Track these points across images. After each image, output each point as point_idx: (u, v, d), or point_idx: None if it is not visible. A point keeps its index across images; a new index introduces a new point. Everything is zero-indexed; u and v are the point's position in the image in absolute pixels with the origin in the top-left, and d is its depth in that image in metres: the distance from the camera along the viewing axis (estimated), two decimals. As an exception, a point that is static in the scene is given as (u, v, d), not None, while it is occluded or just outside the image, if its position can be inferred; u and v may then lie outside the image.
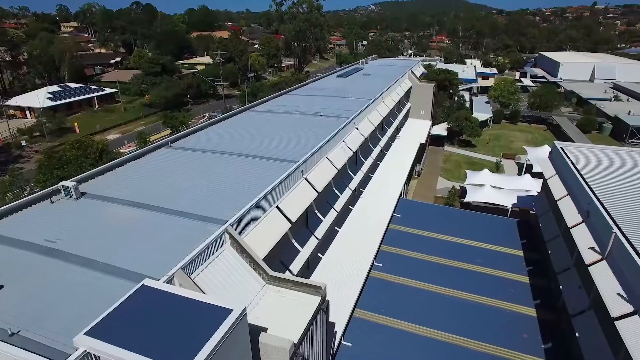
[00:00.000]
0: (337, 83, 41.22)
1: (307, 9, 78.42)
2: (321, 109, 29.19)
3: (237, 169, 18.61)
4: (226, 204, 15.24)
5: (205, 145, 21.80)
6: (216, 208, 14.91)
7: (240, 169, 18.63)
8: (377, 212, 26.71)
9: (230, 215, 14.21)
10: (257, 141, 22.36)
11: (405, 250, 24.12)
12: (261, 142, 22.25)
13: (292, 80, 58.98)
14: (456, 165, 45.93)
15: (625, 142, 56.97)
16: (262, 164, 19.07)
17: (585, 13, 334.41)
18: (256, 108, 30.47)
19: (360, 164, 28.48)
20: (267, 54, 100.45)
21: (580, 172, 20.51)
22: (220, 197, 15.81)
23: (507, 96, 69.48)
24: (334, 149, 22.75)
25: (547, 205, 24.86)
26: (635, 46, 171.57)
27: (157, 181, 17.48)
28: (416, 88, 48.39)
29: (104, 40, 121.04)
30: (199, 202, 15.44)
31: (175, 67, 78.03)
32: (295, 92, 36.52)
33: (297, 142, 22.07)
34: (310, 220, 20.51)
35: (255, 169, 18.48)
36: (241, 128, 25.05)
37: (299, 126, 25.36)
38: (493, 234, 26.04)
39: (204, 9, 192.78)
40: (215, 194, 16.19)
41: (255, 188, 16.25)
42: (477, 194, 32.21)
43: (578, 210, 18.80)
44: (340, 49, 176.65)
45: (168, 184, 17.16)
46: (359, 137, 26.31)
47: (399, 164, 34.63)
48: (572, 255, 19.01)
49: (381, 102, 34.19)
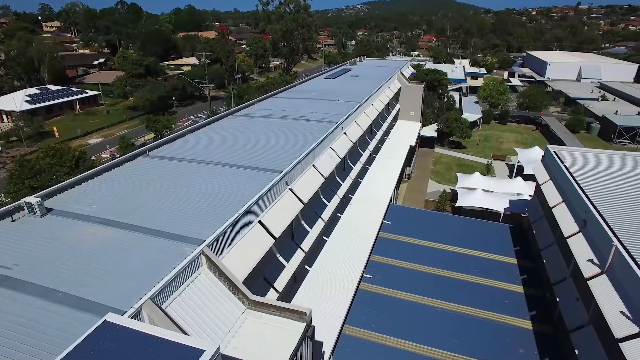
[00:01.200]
0: (324, 85, 40.24)
1: (295, 8, 77.26)
2: (308, 113, 28.18)
3: (218, 180, 17.51)
4: (204, 220, 14.15)
5: (185, 154, 20.64)
6: (193, 225, 13.81)
7: (221, 180, 17.53)
8: (366, 220, 25.82)
9: (208, 234, 13.15)
10: (240, 149, 21.27)
11: (396, 260, 23.25)
12: (244, 149, 21.16)
13: (279, 81, 57.77)
14: (447, 168, 45.31)
15: (613, 142, 57.10)
16: (245, 175, 17.99)
17: (570, 13, 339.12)
18: (240, 112, 29.34)
19: (349, 169, 27.55)
20: (254, 55, 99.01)
21: (575, 178, 19.85)
22: (198, 213, 14.71)
23: (497, 96, 69.30)
24: (320, 156, 21.77)
25: (540, 211, 24.22)
26: (619, 46, 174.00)
27: (131, 195, 16.29)
28: (405, 89, 47.66)
29: (87, 40, 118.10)
30: (175, 219, 14.32)
31: (159, 68, 76.14)
32: (282, 94, 35.43)
33: (282, 150, 21.03)
34: (296, 232, 19.51)
35: (237, 180, 17.40)
36: (224, 134, 23.92)
37: (285, 132, 24.32)
38: (486, 241, 25.33)
39: (190, 9, 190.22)
40: (193, 209, 15.08)
41: (236, 202, 15.21)
42: (469, 199, 31.52)
43: (574, 219, 18.11)
44: (329, 49, 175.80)
45: (143, 198, 15.99)
46: (347, 142, 25.38)
47: (389, 168, 33.81)
48: (569, 266, 18.32)
49: (370, 105, 33.32)
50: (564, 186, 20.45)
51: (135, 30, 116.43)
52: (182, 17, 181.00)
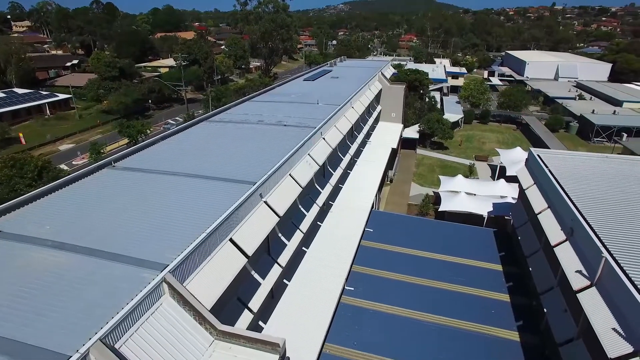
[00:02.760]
0: (303, 87, 39.18)
1: (273, 9, 75.79)
2: (285, 118, 27.09)
3: (186, 194, 16.27)
4: (169, 241, 12.95)
5: (153, 165, 19.31)
6: (156, 248, 12.59)
7: (191, 194, 16.30)
8: (347, 228, 24.90)
9: (172, 257, 11.96)
10: (212, 158, 20.05)
11: (378, 271, 22.40)
12: (216, 159, 19.95)
13: (258, 84, 56.40)
14: (429, 170, 44.85)
15: (591, 141, 57.77)
16: (216, 188, 16.81)
17: (546, 13, 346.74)
18: (215, 118, 28.04)
19: (329, 175, 26.59)
20: (234, 55, 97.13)
21: (560, 183, 19.33)
22: (162, 233, 13.48)
23: (478, 96, 69.49)
24: (298, 164, 20.72)
25: (525, 216, 23.73)
26: (592, 45, 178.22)
27: (90, 213, 14.93)
28: (386, 90, 47.03)
29: (59, 41, 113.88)
30: (137, 240, 13.07)
31: (134, 70, 73.56)
32: (259, 98, 34.21)
33: (257, 158, 19.90)
34: (273, 246, 18.43)
35: (208, 194, 16.20)
36: (196, 142, 22.63)
37: (261, 138, 23.17)
38: (470, 247, 24.71)
39: (168, 9, 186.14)
40: (158, 228, 13.83)
41: (205, 218, 14.04)
42: (452, 203, 30.96)
43: (561, 227, 17.55)
44: (310, 49, 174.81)
45: (103, 216, 14.66)
46: (326, 148, 24.40)
47: (370, 172, 33.01)
48: (556, 275, 17.75)
49: (350, 108, 32.42)
50: (549, 191, 19.92)
51: (111, 30, 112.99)
52: (160, 17, 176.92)
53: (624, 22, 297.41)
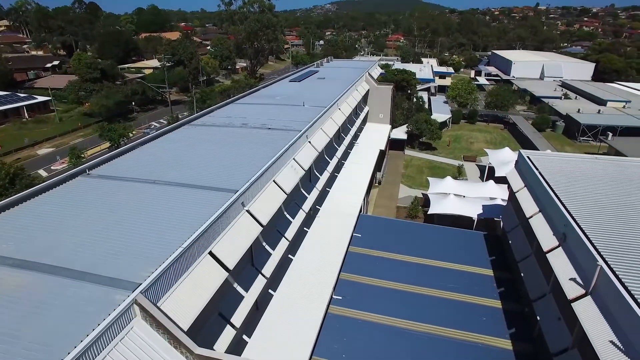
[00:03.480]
0: (289, 89, 38.38)
1: (259, 8, 74.59)
2: (270, 121, 26.28)
3: (163, 204, 15.38)
4: (142, 256, 12.08)
5: (129, 172, 18.34)
6: (128, 265, 11.72)
7: (168, 204, 15.41)
8: (335, 234, 24.21)
9: (145, 275, 11.12)
10: (192, 165, 19.16)
11: (367, 278, 21.75)
12: (197, 165, 19.06)
13: (243, 85, 55.31)
14: (418, 171, 44.43)
15: (577, 140, 58.10)
16: (195, 196, 15.94)
17: (530, 13, 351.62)
18: (197, 121, 27.09)
19: (315, 179, 25.86)
20: (219, 56, 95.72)
21: (552, 186, 18.91)
22: (135, 248, 12.59)
23: (465, 96, 69.44)
24: (282, 169, 19.96)
25: (515, 219, 23.32)
26: (575, 45, 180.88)
27: (58, 226, 13.96)
28: (374, 91, 46.50)
29: (39, 41, 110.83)
30: (107, 257, 12.16)
31: (117, 71, 71.63)
32: (243, 100, 33.30)
33: (239, 164, 19.06)
34: (257, 256, 17.64)
35: (186, 204, 15.33)
36: (175, 148, 21.68)
37: (244, 143, 22.33)
38: (460, 252, 24.23)
39: (153, 9, 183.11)
40: (131, 242, 12.94)
41: (183, 231, 13.21)
42: (441, 205, 30.49)
43: (553, 232, 17.10)
44: (297, 49, 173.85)
45: (72, 229, 13.71)
46: (312, 152, 23.68)
47: (358, 174, 32.38)
48: (549, 281, 17.31)
49: (337, 110, 31.75)
50: (540, 195, 19.50)
51: (93, 30, 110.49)
52: (144, 17, 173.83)
53: (604, 23, 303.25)
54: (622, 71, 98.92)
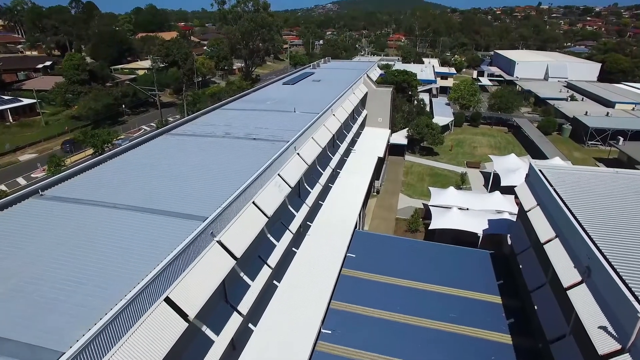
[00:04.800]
0: (281, 92, 36.09)
1: (253, 7, 72.23)
2: (256, 130, 24.00)
3: (117, 235, 13.09)
4: (82, 308, 9.82)
5: (88, 193, 16.04)
6: (59, 322, 9.45)
7: (124, 234, 13.14)
8: (326, 255, 21.93)
9: (76, 336, 8.85)
10: (161, 184, 16.87)
11: (360, 307, 19.45)
12: (166, 185, 16.77)
13: (234, 88, 53.03)
14: (418, 179, 42.10)
15: (585, 144, 55.71)
16: (157, 225, 13.65)
17: (532, 12, 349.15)
18: (177, 130, 24.81)
19: (306, 194, 23.56)
20: (216, 57, 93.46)
21: (570, 208, 16.57)
22: (73, 296, 10.31)
23: (468, 97, 67.10)
24: (265, 187, 17.65)
25: (526, 241, 20.98)
26: (579, 45, 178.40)
27: (-11, 263, 11.68)
28: (372, 94, 44.18)
29: (33, 41, 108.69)
30: (36, 309, 9.88)
31: (107, 73, 69.31)
32: (231, 105, 31.00)
33: (214, 183, 16.77)
34: (231, 291, 15.34)
35: (146, 236, 13.04)
36: (146, 162, 19.39)
37: (223, 156, 20.05)
38: (464, 275, 21.93)
39: (151, 8, 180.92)
40: (69, 287, 10.66)
41: (134, 272, 10.95)
42: (443, 220, 28.17)
43: (574, 263, 14.76)
44: (297, 49, 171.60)
45: (4, 270, 11.43)
46: (301, 165, 21.37)
47: (355, 185, 30.08)
48: (569, 320, 14.98)
49: (331, 115, 29.43)
50: (556, 217, 17.15)
51: (88, 30, 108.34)
52: (142, 17, 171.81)
53: (608, 22, 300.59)
54: (629, 71, 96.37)
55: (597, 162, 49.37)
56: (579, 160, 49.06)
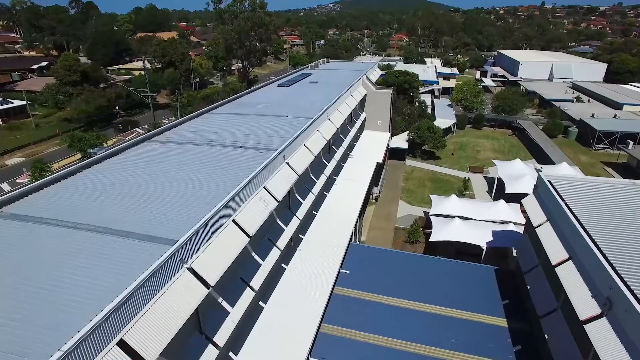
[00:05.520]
0: (275, 95, 34.53)
1: (250, 6, 70.68)
2: (244, 137, 22.43)
3: (74, 262, 11.55)
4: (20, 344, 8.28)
5: (51, 211, 14.49)
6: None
7: (81, 261, 11.59)
8: (318, 271, 20.38)
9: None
10: (134, 199, 15.31)
11: (354, 332, 17.84)
12: (138, 200, 15.21)
13: (228, 90, 51.47)
14: (419, 184, 40.43)
15: (592, 148, 53.85)
16: (121, 250, 12.10)
17: (535, 12, 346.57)
18: (161, 136, 23.27)
19: (297, 205, 21.99)
20: (214, 57, 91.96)
21: (586, 228, 14.90)
22: (11, 333, 8.78)
23: (471, 99, 65.33)
24: (248, 202, 16.07)
25: (534, 258, 19.34)
26: (583, 45, 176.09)
27: None
28: (372, 96, 42.54)
29: (30, 41, 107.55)
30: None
31: (100, 74, 67.89)
32: (220, 109, 29.43)
33: (191, 199, 15.22)
34: (207, 321, 13.77)
35: (105, 263, 11.49)
36: (121, 174, 17.84)
37: (206, 167, 18.49)
38: (467, 294, 20.31)
39: (151, 8, 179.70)
40: (10, 323, 9.14)
41: (87, 308, 9.42)
42: (445, 231, 26.52)
43: (591, 292, 13.11)
44: (298, 49, 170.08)
45: None
46: (291, 175, 19.77)
47: (351, 194, 28.52)
48: (585, 355, 13.34)
49: (326, 120, 27.84)
50: (570, 236, 15.49)
51: (86, 30, 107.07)
52: (142, 16, 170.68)
53: (612, 21, 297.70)
54: (636, 72, 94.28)
55: (605, 166, 47.57)
56: (587, 164, 47.29)
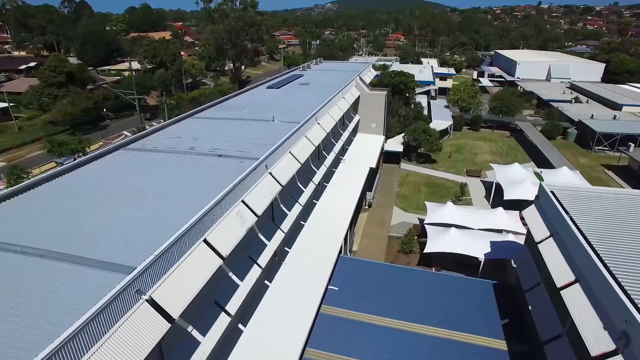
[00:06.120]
0: (264, 97, 33.04)
1: (241, 5, 69.01)
2: (225, 143, 20.95)
3: (17, 295, 10.05)
4: None
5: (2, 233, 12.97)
6: None
7: (25, 293, 10.10)
8: (304, 289, 18.92)
9: None
10: (94, 218, 13.80)
11: (341, 358, 16.38)
12: (99, 219, 13.71)
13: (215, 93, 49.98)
14: (414, 189, 39.02)
15: (591, 150, 52.59)
16: (73, 280, 10.60)
17: (532, 12, 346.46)
18: (137, 143, 21.74)
19: (282, 217, 20.51)
20: (207, 57, 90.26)
21: (595, 249, 13.49)
22: None
23: (468, 100, 63.98)
24: (223, 218, 14.57)
25: (536, 274, 17.94)
26: (581, 44, 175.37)
27: None
28: (365, 97, 41.16)
29: (20, 41, 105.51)
30: None
31: (87, 75, 66.12)
32: (205, 112, 27.91)
33: (159, 218, 13.71)
34: (172, 355, 12.26)
35: (52, 295, 10.00)
36: (85, 187, 16.29)
37: (180, 178, 16.99)
38: (464, 313, 18.88)
39: (146, 8, 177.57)
40: None
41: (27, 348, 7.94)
42: (440, 242, 25.10)
43: (603, 322, 11.70)
44: (294, 49, 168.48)
45: None
46: (273, 187, 18.29)
47: (342, 202, 27.04)
48: (594, 392, 11.92)
49: (315, 124, 26.37)
50: (576, 256, 14.08)
51: (77, 30, 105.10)
52: (136, 16, 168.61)
53: (609, 21, 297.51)
54: (635, 72, 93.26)
55: (605, 169, 46.32)
56: (586, 167, 46.04)
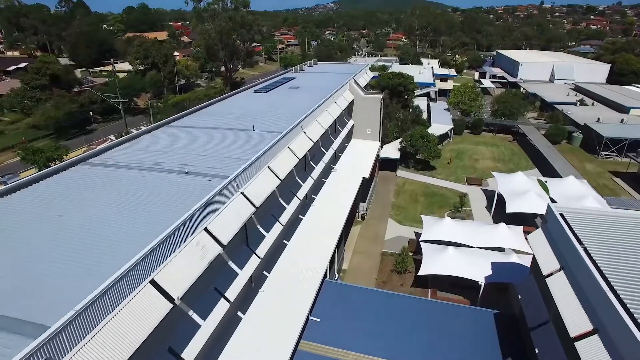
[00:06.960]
0: (249, 103, 30.93)
1: (232, 5, 66.88)
2: (197, 157, 18.85)
3: None
4: None
5: None
6: None
7: None
8: (282, 320, 16.79)
9: None
10: (26, 252, 11.74)
11: (320, 409, 14.27)
12: (31, 253, 11.63)
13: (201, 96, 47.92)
14: (411, 199, 36.85)
15: (598, 155, 50.31)
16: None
17: (534, 11, 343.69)
18: (99, 157, 19.66)
19: (258, 240, 18.35)
20: (202, 58, 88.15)
21: (616, 291, 11.34)
22: None
23: (469, 102, 61.70)
24: (179, 251, 12.46)
25: (543, 310, 15.77)
26: (584, 44, 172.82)
27: None
28: (360, 102, 39.00)
29: (12, 41, 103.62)
30: None
31: (73, 77, 64.04)
32: (181, 121, 25.78)
33: (94, 255, 11.61)
34: None
35: None
36: (25, 211, 14.22)
37: (134, 201, 14.88)
38: (462, 351, 16.73)
39: (143, 7, 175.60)
40: None
41: None
42: (436, 263, 22.94)
43: (627, 391, 9.56)
44: (294, 49, 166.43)
45: None
46: (244, 209, 16.15)
47: (331, 217, 24.89)
48: None
49: (301, 133, 24.26)
50: (593, 299, 11.92)
51: (70, 30, 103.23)
52: (134, 16, 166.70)
53: (612, 21, 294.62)
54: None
55: (613, 176, 44.06)
56: (593, 174, 43.80)
